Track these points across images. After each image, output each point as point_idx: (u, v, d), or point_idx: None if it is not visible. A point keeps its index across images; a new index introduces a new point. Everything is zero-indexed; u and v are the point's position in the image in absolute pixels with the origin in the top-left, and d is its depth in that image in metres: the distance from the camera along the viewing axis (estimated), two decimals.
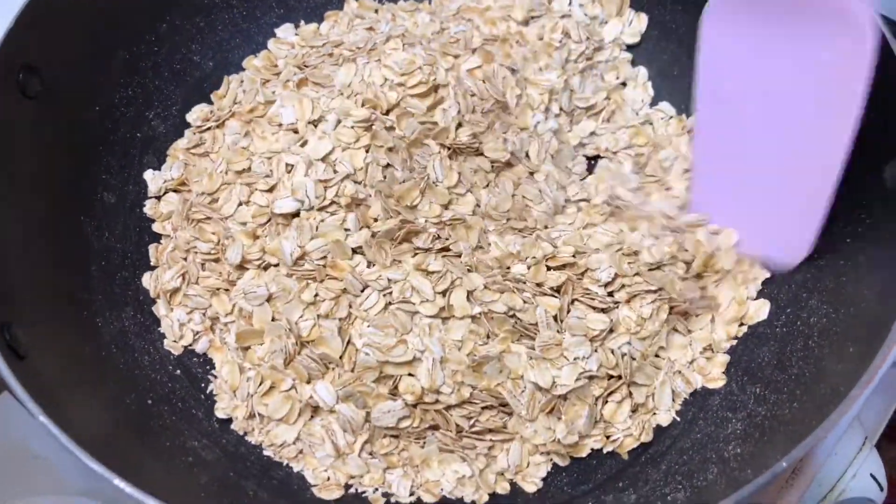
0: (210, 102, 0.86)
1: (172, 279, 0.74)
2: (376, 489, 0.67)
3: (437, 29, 0.84)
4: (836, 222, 0.69)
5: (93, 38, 0.78)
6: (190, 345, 0.74)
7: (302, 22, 0.91)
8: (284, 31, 0.90)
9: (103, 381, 0.68)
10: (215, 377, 0.73)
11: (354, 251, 0.70)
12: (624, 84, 0.88)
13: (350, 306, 0.68)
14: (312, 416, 0.68)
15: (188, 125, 0.85)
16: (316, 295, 0.68)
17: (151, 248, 0.78)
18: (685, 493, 0.63)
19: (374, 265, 0.69)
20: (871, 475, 0.79)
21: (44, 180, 0.73)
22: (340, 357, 0.66)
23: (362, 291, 0.68)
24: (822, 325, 0.69)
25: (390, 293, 0.67)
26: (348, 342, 0.67)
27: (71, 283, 0.72)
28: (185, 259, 0.75)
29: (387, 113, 0.75)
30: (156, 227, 0.79)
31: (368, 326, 0.66)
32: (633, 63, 0.89)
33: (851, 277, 0.68)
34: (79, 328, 0.70)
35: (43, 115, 0.73)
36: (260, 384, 0.68)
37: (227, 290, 0.73)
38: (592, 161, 0.85)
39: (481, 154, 0.76)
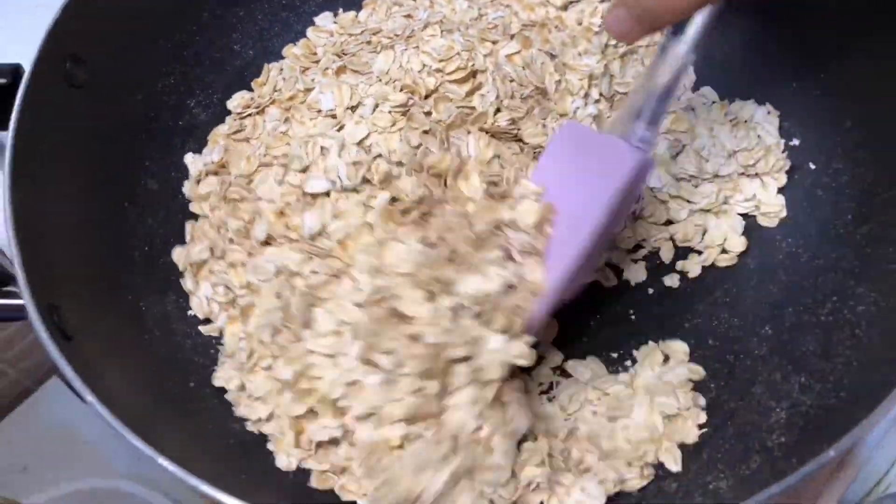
0: (250, 90, 0.87)
1: (200, 252, 0.75)
2: None
3: (475, 15, 0.83)
4: (883, 210, 0.67)
5: (136, 27, 0.79)
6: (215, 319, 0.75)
7: (340, 10, 0.91)
8: (323, 19, 0.91)
9: (146, 364, 0.69)
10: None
11: None
12: None
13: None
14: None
15: (229, 112, 0.86)
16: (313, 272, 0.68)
17: (188, 224, 0.79)
18: (727, 482, 0.62)
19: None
20: None
21: (90, 168, 0.74)
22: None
23: None
24: (871, 314, 0.67)
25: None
26: None
27: (115, 268, 0.73)
28: (217, 234, 0.76)
29: (425, 98, 0.75)
30: (193, 208, 0.80)
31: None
32: None
33: None
34: (123, 312, 0.72)
35: (89, 105, 0.74)
36: (248, 357, 0.69)
37: (244, 264, 0.73)
38: None
39: (520, 140, 0.76)
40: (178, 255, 0.78)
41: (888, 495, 0.77)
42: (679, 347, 0.73)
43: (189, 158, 0.83)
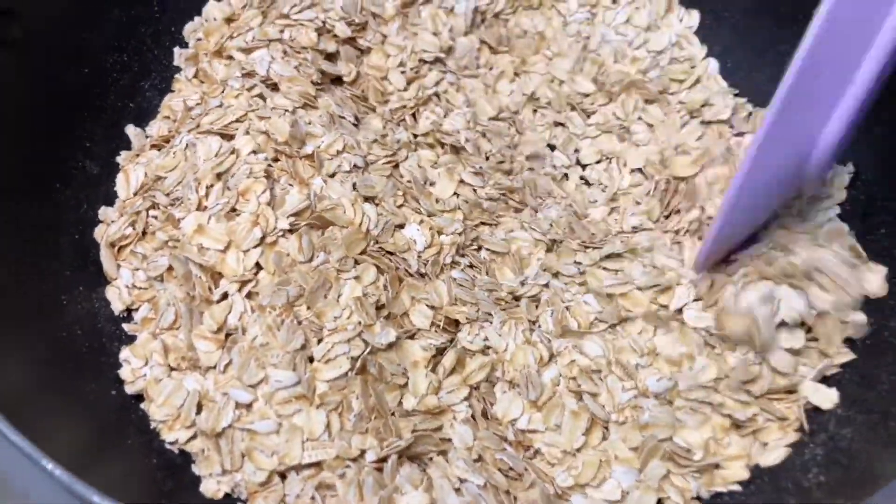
0: None
1: (122, 228, 0.66)
2: None
3: None
4: None
5: None
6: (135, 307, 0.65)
7: None
8: None
9: (59, 365, 0.58)
10: None
11: None
12: None
13: None
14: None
15: None
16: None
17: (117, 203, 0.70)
18: None
19: None
20: None
21: (17, 138, 0.64)
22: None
23: None
24: None
25: None
26: None
27: (36, 253, 0.62)
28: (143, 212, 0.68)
29: None
30: (119, 183, 0.70)
31: None
32: None
33: None
34: (38, 304, 0.60)
35: (21, 68, 0.65)
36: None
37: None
38: None
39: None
40: (99, 232, 0.68)
41: None
42: None
43: (132, 131, 0.73)
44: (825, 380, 0.62)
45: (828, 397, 0.60)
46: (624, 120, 0.79)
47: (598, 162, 0.79)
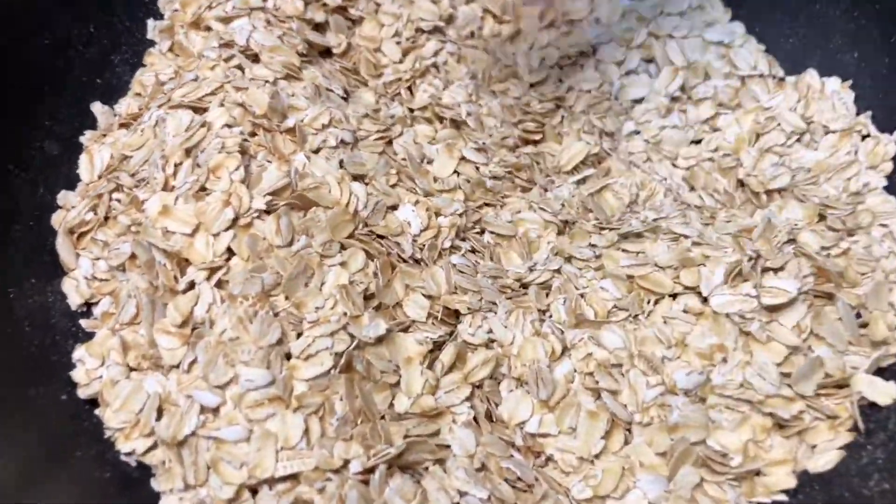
0: None
1: (82, 213, 0.59)
2: None
3: None
4: None
5: None
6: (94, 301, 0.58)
7: None
8: None
9: (5, 366, 0.51)
10: None
11: None
12: None
13: None
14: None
15: None
16: None
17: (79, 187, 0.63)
18: None
19: None
20: None
21: None
22: None
23: None
24: None
25: None
26: None
27: None
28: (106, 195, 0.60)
29: None
30: (82, 165, 0.63)
31: None
32: None
33: None
34: None
35: None
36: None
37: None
38: None
39: None
40: (57, 218, 0.60)
41: None
42: None
43: (98, 108, 0.66)
44: (881, 371, 0.54)
45: (886, 391, 0.52)
46: None
47: None
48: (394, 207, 0.61)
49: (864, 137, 0.67)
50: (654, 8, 0.76)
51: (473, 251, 0.62)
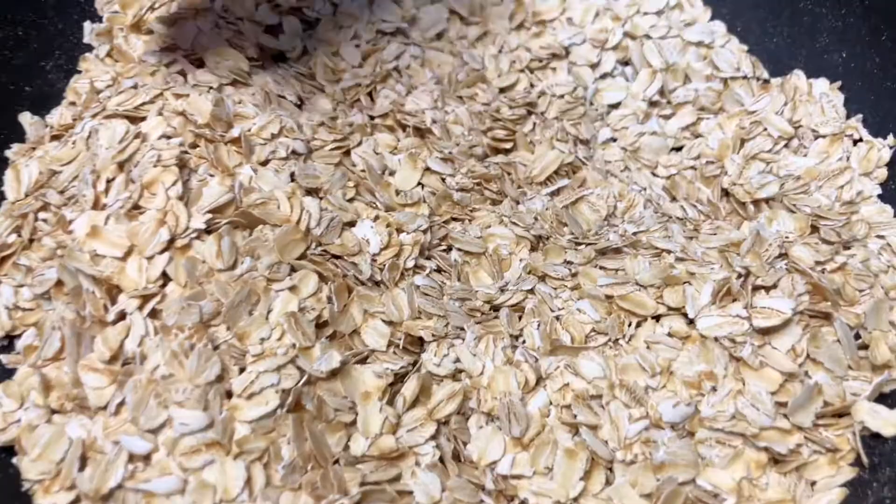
0: None
1: (4, 235, 0.53)
2: None
3: None
4: None
5: None
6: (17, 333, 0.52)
7: None
8: None
9: None
10: None
11: None
12: None
13: None
14: None
15: None
16: None
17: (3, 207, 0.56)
18: None
19: None
20: None
21: None
22: None
23: None
24: None
25: None
26: None
27: None
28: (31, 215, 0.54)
29: None
30: (7, 182, 0.56)
31: None
32: None
33: None
34: None
35: None
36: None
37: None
38: None
39: None
40: None
41: None
42: None
43: (27, 119, 0.60)
44: (884, 398, 0.49)
45: (890, 421, 0.48)
46: None
47: None
48: (351, 224, 0.56)
49: (855, 142, 0.63)
50: (630, 7, 0.71)
51: (439, 270, 0.57)
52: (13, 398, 0.48)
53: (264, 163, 0.56)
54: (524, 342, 0.53)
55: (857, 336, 0.51)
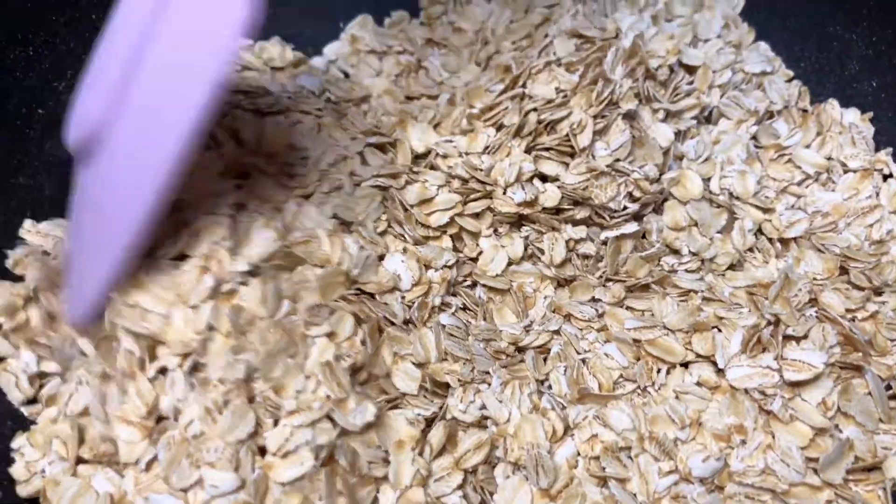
0: None
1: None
2: None
3: None
4: None
5: None
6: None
7: None
8: None
9: None
10: None
11: None
12: None
13: None
14: None
15: None
16: None
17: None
18: None
19: None
20: None
21: None
22: None
23: None
24: None
25: None
26: None
27: None
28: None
29: None
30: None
31: None
32: None
33: None
34: None
35: None
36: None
37: None
38: None
39: None
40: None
41: None
42: None
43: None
44: None
45: None
46: None
47: None
48: (380, 257, 0.55)
49: (885, 178, 0.62)
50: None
51: (465, 308, 0.56)
52: (37, 447, 0.47)
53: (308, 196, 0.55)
54: (550, 387, 0.53)
55: (888, 387, 0.51)
